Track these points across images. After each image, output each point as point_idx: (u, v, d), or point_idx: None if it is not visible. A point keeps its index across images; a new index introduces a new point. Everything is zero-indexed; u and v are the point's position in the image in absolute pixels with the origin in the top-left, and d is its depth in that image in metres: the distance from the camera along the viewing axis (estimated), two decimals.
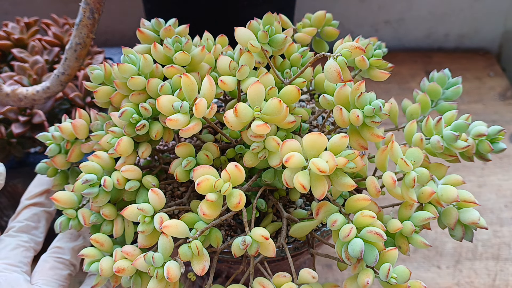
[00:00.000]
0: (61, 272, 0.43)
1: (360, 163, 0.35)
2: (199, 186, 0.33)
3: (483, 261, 0.68)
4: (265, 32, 0.38)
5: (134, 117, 0.37)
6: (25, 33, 0.63)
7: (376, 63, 0.41)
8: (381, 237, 0.33)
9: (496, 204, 0.75)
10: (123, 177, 0.39)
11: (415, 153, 0.36)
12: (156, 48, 0.39)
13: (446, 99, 0.46)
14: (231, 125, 0.35)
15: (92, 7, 0.42)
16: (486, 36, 1.02)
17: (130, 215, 0.37)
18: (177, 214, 0.45)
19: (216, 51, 0.42)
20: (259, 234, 0.35)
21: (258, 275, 0.38)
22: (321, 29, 0.48)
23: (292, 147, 0.33)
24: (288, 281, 0.37)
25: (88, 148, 0.43)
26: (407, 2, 0.96)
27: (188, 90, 0.36)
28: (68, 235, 0.45)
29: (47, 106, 0.57)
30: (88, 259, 0.39)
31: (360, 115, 0.34)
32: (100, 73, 0.41)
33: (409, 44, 1.03)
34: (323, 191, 0.32)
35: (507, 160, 0.82)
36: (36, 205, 0.46)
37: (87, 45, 0.44)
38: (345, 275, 0.65)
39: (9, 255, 0.42)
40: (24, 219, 0.45)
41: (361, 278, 0.33)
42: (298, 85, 0.40)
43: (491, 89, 0.95)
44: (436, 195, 0.37)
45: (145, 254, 0.35)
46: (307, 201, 0.46)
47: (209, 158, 0.39)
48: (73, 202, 0.40)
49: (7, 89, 0.46)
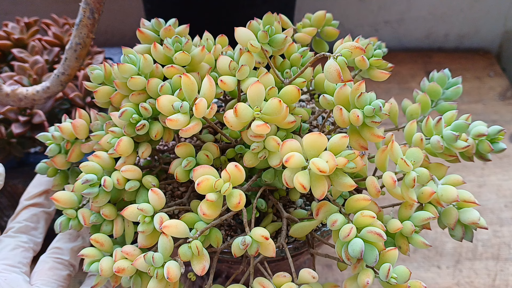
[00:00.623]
0: (61, 272, 0.43)
1: (360, 163, 0.35)
2: (199, 186, 0.33)
3: (483, 261, 0.68)
4: (265, 32, 0.38)
5: (134, 117, 0.37)
6: (25, 33, 0.63)
7: (376, 63, 0.41)
8: (381, 237, 0.33)
9: (496, 204, 0.75)
10: (123, 177, 0.39)
11: (415, 153, 0.36)
12: (156, 48, 0.39)
13: (446, 99, 0.46)
14: (231, 125, 0.35)
15: (92, 7, 0.42)
16: (486, 36, 1.02)
17: (130, 215, 0.37)
18: (177, 214, 0.45)
19: (216, 51, 0.42)
20: (259, 234, 0.35)
21: (258, 275, 0.38)
22: (321, 29, 0.48)
23: (292, 147, 0.33)
24: (288, 281, 0.37)
25: (88, 148, 0.43)
26: (407, 2, 0.96)
27: (188, 90, 0.36)
28: (67, 236, 0.45)
29: (47, 106, 0.57)
30: (88, 259, 0.39)
31: (360, 115, 0.34)
32: (100, 73, 0.41)
33: (409, 44, 1.03)
34: (323, 191, 0.32)
35: (507, 160, 0.81)
36: (35, 205, 0.46)
37: (87, 45, 0.44)
38: (345, 275, 0.65)
39: (8, 256, 0.42)
40: (23, 219, 0.45)
41: (361, 278, 0.33)
42: (298, 85, 0.40)
43: (491, 89, 0.95)
44: (436, 195, 0.37)
45: (145, 254, 0.35)
46: (307, 201, 0.46)
47: (209, 158, 0.39)
48: (73, 202, 0.40)
49: (7, 89, 0.46)
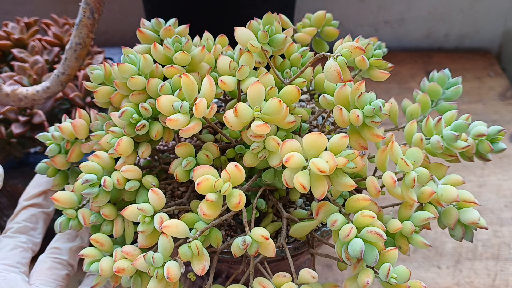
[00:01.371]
0: (59, 272, 0.43)
1: (360, 163, 0.35)
2: (199, 186, 0.33)
3: (483, 261, 0.68)
4: (265, 32, 0.38)
5: (134, 117, 0.37)
6: (25, 33, 0.63)
7: (376, 63, 0.41)
8: (381, 237, 0.33)
9: (496, 204, 0.75)
10: (123, 177, 0.39)
11: (415, 153, 0.36)
12: (156, 48, 0.39)
13: (446, 99, 0.46)
14: (231, 125, 0.35)
15: (92, 7, 0.42)
16: (486, 36, 1.02)
17: (130, 215, 0.37)
18: (177, 214, 0.45)
19: (216, 51, 0.42)
20: (259, 234, 0.35)
21: (258, 275, 0.38)
22: (321, 29, 0.48)
23: (292, 147, 0.33)
24: (288, 281, 0.37)
25: (88, 148, 0.43)
26: (407, 2, 0.96)
27: (188, 90, 0.36)
28: (65, 236, 0.45)
29: (47, 106, 0.57)
30: (88, 259, 0.38)
31: (360, 115, 0.34)
32: (100, 73, 0.41)
33: (409, 44, 1.03)
34: (323, 191, 0.32)
35: (507, 160, 0.81)
36: (34, 206, 0.46)
37: (87, 45, 0.44)
38: (345, 275, 0.65)
39: (7, 256, 0.42)
40: (22, 220, 0.45)
41: (361, 278, 0.33)
42: (298, 85, 0.40)
43: (491, 89, 0.95)
44: (436, 195, 0.37)
45: (145, 254, 0.35)
46: (307, 201, 0.46)
47: (209, 158, 0.39)
48: (73, 202, 0.40)
49: (7, 89, 0.46)
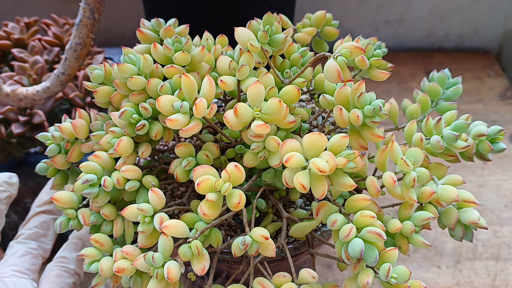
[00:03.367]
0: (66, 280, 0.44)
1: (360, 163, 0.35)
2: (199, 186, 0.33)
3: (483, 261, 0.68)
4: (265, 32, 0.38)
5: (134, 117, 0.37)
6: (25, 33, 0.63)
7: (376, 63, 0.41)
8: (381, 237, 0.33)
9: (496, 204, 0.75)
10: (123, 177, 0.39)
11: (415, 153, 0.36)
12: (156, 48, 0.39)
13: (446, 99, 0.46)
14: (231, 125, 0.35)
15: (92, 7, 0.42)
16: (486, 36, 1.02)
17: (130, 215, 0.37)
18: (177, 214, 0.45)
19: (216, 51, 0.42)
20: (259, 234, 0.35)
21: (258, 275, 0.38)
22: (321, 29, 0.48)
23: (292, 147, 0.33)
24: (288, 281, 0.37)
25: (88, 148, 0.43)
26: (407, 2, 0.96)
27: (188, 90, 0.36)
28: (72, 246, 0.46)
29: (47, 106, 0.57)
30: (88, 259, 0.39)
31: (360, 115, 0.34)
32: (100, 73, 0.41)
33: (409, 44, 1.03)
34: (323, 191, 0.32)
35: (507, 160, 0.81)
36: (46, 212, 0.47)
37: (87, 45, 0.44)
38: (345, 275, 0.65)
39: (17, 262, 0.43)
40: (33, 226, 0.46)
41: (361, 278, 0.33)
42: (298, 85, 0.40)
43: (491, 89, 0.95)
44: (436, 195, 0.37)
45: (145, 254, 0.35)
46: (307, 201, 0.46)
47: (209, 158, 0.39)
48: (73, 202, 0.40)
49: (7, 89, 0.46)
